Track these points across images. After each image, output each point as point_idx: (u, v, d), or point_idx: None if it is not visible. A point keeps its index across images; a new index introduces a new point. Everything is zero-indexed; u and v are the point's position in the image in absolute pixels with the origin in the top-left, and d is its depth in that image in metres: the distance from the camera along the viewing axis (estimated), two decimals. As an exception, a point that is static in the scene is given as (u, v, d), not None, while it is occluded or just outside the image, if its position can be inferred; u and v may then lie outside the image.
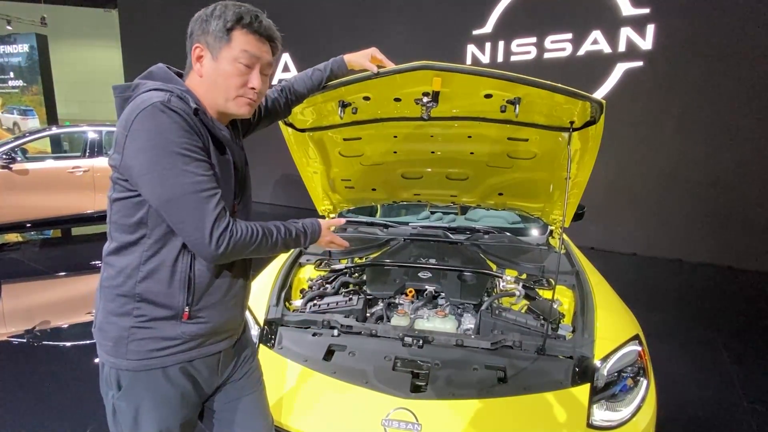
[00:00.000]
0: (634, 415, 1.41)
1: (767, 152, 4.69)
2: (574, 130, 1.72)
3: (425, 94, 1.60)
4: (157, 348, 1.02)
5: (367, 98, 1.76)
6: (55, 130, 6.68)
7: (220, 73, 1.02)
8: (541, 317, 1.82)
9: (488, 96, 1.63)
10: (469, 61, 6.14)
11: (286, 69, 7.96)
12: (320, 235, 1.23)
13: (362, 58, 1.50)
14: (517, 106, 1.59)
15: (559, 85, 1.47)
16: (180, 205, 0.94)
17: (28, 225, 5.43)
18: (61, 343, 3.07)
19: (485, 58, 6.04)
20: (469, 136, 2.01)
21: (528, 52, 5.73)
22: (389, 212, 3.10)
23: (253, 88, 1.05)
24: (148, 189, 0.95)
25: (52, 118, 11.45)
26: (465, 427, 1.33)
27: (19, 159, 5.24)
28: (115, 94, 1.02)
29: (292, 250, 1.19)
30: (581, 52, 5.40)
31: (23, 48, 11.15)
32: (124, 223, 1.01)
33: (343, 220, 1.43)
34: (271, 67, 1.10)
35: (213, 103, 1.05)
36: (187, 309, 1.02)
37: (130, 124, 0.93)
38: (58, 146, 9.57)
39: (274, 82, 1.31)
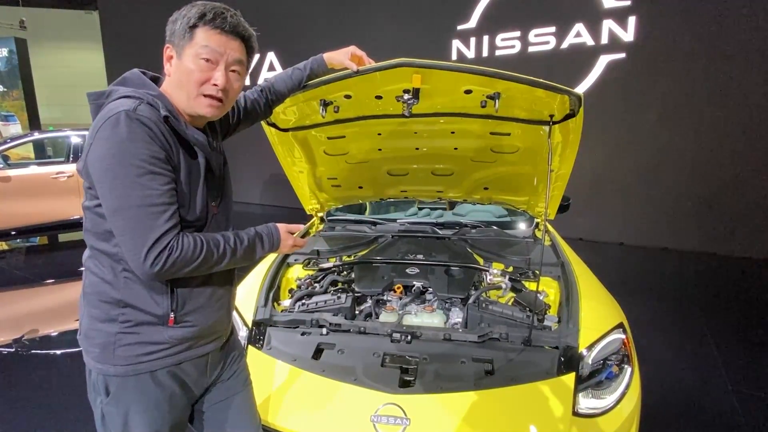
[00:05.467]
0: (618, 402, 1.44)
1: (750, 141, 4.78)
2: (554, 123, 1.74)
3: (406, 91, 1.60)
4: (144, 353, 1.02)
5: (348, 96, 1.76)
6: (37, 136, 6.59)
7: (183, 70, 1.00)
8: (527, 309, 1.85)
9: (468, 92, 1.64)
10: (454, 56, 6.16)
11: (271, 68, 7.91)
12: (280, 240, 1.17)
13: (342, 56, 1.50)
14: (497, 101, 1.60)
15: (537, 79, 1.49)
16: (124, 217, 0.92)
17: (13, 233, 5.36)
18: (51, 351, 3.04)
19: (470, 53, 6.06)
20: (453, 132, 2.02)
21: (512, 46, 5.77)
22: (378, 209, 3.11)
23: (215, 85, 1.01)
24: (101, 196, 0.94)
25: (34, 123, 11.27)
26: (453, 420, 1.35)
27: (0, 166, 5.16)
28: (90, 100, 1.02)
29: (252, 261, 1.16)
30: (565, 45, 5.44)
31: (2, 52, 10.94)
32: (96, 231, 1.01)
33: (301, 227, 1.32)
34: (242, 65, 1.06)
35: (180, 104, 1.04)
36: (172, 314, 1.02)
37: (96, 132, 0.93)
38: (41, 151, 9.43)
39: (260, 81, 1.29)
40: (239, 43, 1.05)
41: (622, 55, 5.19)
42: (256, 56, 1.14)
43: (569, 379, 1.46)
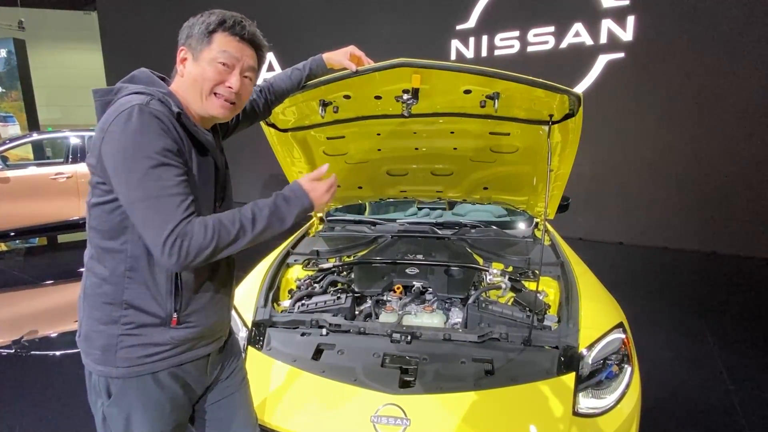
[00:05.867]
0: (618, 401, 1.44)
1: (749, 140, 4.79)
2: (554, 123, 1.74)
3: (405, 91, 1.60)
4: (146, 354, 1.01)
5: (347, 97, 1.76)
6: (36, 136, 6.59)
7: (199, 71, 1.03)
8: (527, 309, 1.85)
9: (467, 91, 1.64)
10: (453, 56, 6.16)
11: (270, 68, 7.91)
12: (307, 191, 1.07)
13: (341, 56, 1.50)
14: (496, 100, 1.61)
15: (536, 78, 1.49)
16: (142, 208, 0.92)
17: (12, 234, 5.35)
18: (50, 353, 3.04)
19: (469, 53, 6.06)
20: (452, 132, 2.02)
21: (511, 46, 5.77)
22: (378, 209, 3.11)
23: (229, 87, 1.05)
24: (117, 190, 0.94)
25: (33, 123, 11.26)
26: (453, 420, 1.35)
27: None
28: (96, 97, 1.02)
29: (285, 225, 1.04)
30: (564, 44, 5.44)
31: (1, 53, 10.92)
32: (103, 229, 0.99)
33: (324, 167, 1.15)
34: (254, 72, 1.10)
35: (193, 105, 1.05)
36: (175, 315, 1.02)
37: (108, 126, 0.93)
38: (40, 152, 9.42)
39: (259, 81, 1.32)
40: (253, 51, 1.09)
41: (621, 55, 5.19)
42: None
43: (569, 378, 1.46)
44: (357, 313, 1.94)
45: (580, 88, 5.34)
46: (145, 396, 1.03)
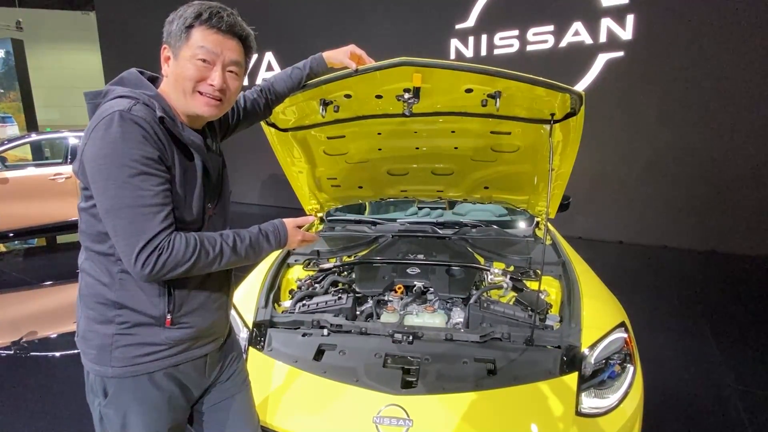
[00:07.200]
0: (621, 401, 1.43)
1: (747, 139, 4.79)
2: (555, 122, 1.73)
3: (406, 90, 1.60)
4: (141, 354, 1.01)
5: (348, 96, 1.75)
6: (34, 137, 6.56)
7: (180, 71, 0.99)
8: (529, 308, 1.84)
9: (469, 90, 1.64)
10: (452, 55, 6.15)
11: (270, 68, 7.90)
12: (287, 235, 1.14)
13: (341, 55, 1.50)
14: (498, 99, 1.60)
15: (538, 77, 1.48)
16: (117, 217, 0.91)
17: (11, 234, 5.34)
18: (50, 354, 3.03)
19: (469, 52, 6.06)
20: (453, 131, 2.02)
21: (511, 45, 5.77)
22: (378, 209, 3.10)
23: (211, 85, 1.00)
24: (95, 197, 0.94)
25: (31, 124, 11.23)
26: (456, 421, 1.34)
27: (-2, 167, 5.14)
28: (87, 100, 1.01)
29: (258, 258, 1.12)
30: (563, 43, 5.44)
31: (-1, 53, 10.90)
32: (91, 232, 1.00)
33: (311, 218, 1.27)
34: (239, 66, 1.05)
35: (178, 104, 1.03)
36: (169, 316, 1.01)
37: (90, 132, 0.92)
38: (39, 153, 9.41)
39: (259, 81, 1.30)
40: (236, 42, 1.03)
41: (621, 54, 5.19)
42: (254, 56, 1.14)
43: (572, 378, 1.46)
44: (358, 313, 1.93)
45: (579, 87, 5.33)
46: (141, 396, 1.03)
